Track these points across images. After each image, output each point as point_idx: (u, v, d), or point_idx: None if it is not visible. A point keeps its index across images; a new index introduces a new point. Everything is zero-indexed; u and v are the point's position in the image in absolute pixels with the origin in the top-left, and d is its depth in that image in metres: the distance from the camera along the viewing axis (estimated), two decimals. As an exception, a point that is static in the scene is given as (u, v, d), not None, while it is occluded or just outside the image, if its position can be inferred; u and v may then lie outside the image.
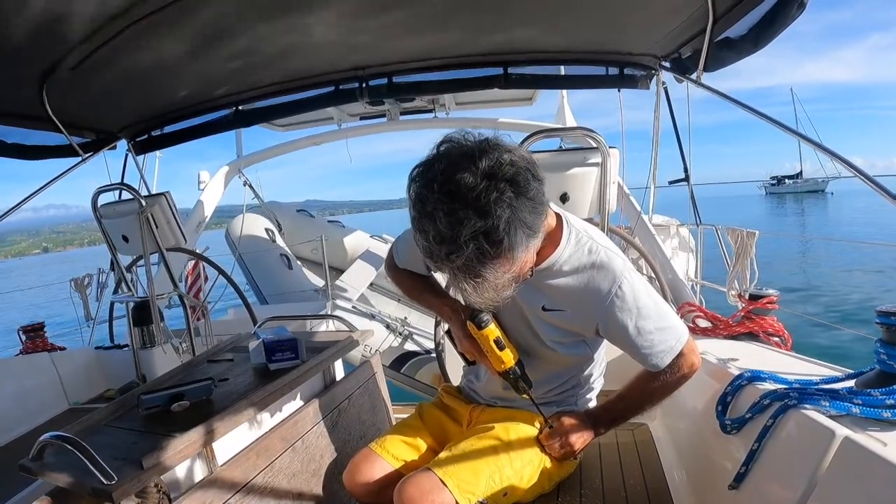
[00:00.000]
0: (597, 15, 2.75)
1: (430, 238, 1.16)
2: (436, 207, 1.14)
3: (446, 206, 1.13)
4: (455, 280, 1.23)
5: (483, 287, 1.20)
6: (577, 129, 3.40)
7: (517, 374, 1.60)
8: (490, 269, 1.17)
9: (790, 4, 2.11)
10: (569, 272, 1.50)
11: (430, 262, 1.24)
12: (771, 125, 2.15)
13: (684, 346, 1.55)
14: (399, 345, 6.47)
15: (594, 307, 1.50)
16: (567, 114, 6.59)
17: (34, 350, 3.46)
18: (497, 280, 1.20)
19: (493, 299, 1.26)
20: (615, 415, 1.70)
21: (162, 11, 2.08)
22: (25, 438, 2.58)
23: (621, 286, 1.46)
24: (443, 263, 1.20)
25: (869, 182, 1.67)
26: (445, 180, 1.15)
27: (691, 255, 5.28)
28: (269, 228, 8.26)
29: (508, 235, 1.15)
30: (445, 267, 1.21)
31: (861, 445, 1.08)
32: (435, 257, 1.19)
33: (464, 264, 1.15)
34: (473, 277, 1.18)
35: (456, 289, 1.43)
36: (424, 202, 1.17)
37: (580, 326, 1.58)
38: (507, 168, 1.16)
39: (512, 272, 1.23)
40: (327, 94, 3.45)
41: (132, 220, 2.95)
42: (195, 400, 1.64)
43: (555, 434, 1.66)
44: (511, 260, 1.19)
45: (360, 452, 1.74)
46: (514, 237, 1.16)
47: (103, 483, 1.20)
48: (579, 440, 1.66)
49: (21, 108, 2.81)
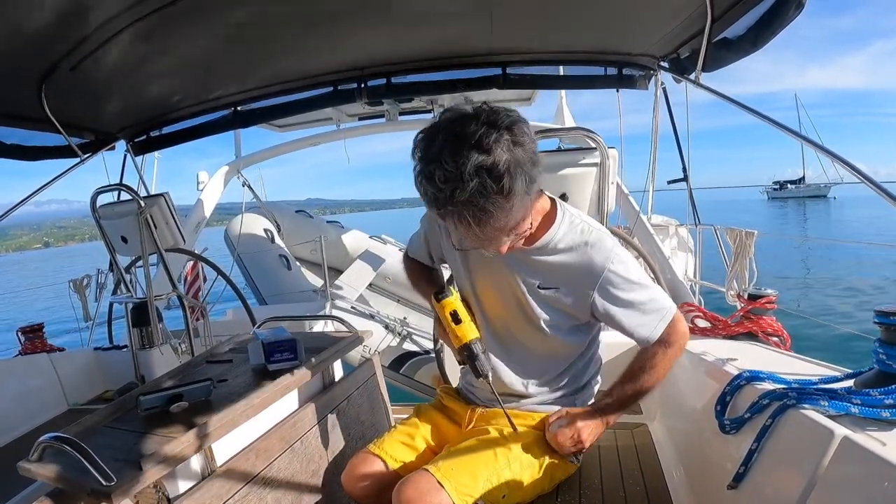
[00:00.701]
0: (595, 15, 2.75)
1: (435, 180, 1.23)
2: (441, 149, 1.23)
3: (450, 146, 1.22)
4: (459, 221, 1.29)
5: (486, 225, 1.27)
6: (576, 130, 3.40)
7: (471, 353, 1.57)
8: (492, 203, 1.23)
9: (788, 4, 2.11)
10: (563, 250, 1.56)
11: (436, 211, 1.31)
12: (770, 126, 2.16)
13: (674, 314, 1.61)
14: (398, 345, 6.46)
15: (589, 283, 1.55)
16: (566, 114, 6.59)
17: (33, 351, 3.46)
18: (498, 221, 1.28)
19: (494, 240, 1.36)
20: (622, 400, 1.65)
21: (160, 12, 2.08)
22: (24, 439, 2.58)
23: (614, 262, 1.53)
24: (448, 204, 1.25)
25: (870, 183, 1.67)
26: (449, 128, 1.26)
27: (690, 255, 5.29)
28: (268, 229, 8.25)
29: (509, 174, 1.22)
30: (451, 210, 1.26)
31: (860, 445, 1.08)
32: (440, 202, 1.26)
33: (468, 199, 1.22)
34: (478, 211, 1.24)
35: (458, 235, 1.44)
36: (430, 148, 1.26)
37: (575, 305, 1.60)
38: (503, 118, 1.27)
39: (510, 219, 1.31)
40: (326, 94, 3.44)
41: (131, 220, 2.95)
42: (194, 401, 1.64)
43: (562, 427, 1.63)
44: (510, 202, 1.25)
45: (358, 454, 1.74)
46: (515, 179, 1.23)
47: (102, 484, 1.20)
48: (588, 432, 1.63)
49: (20, 109, 2.81)
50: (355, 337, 2.29)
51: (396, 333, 6.52)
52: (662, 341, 1.60)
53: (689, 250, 5.38)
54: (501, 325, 1.72)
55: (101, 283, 5.03)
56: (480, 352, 1.59)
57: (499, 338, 1.74)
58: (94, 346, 3.79)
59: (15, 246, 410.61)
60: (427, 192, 1.28)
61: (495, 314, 1.72)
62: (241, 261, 7.22)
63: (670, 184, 5.06)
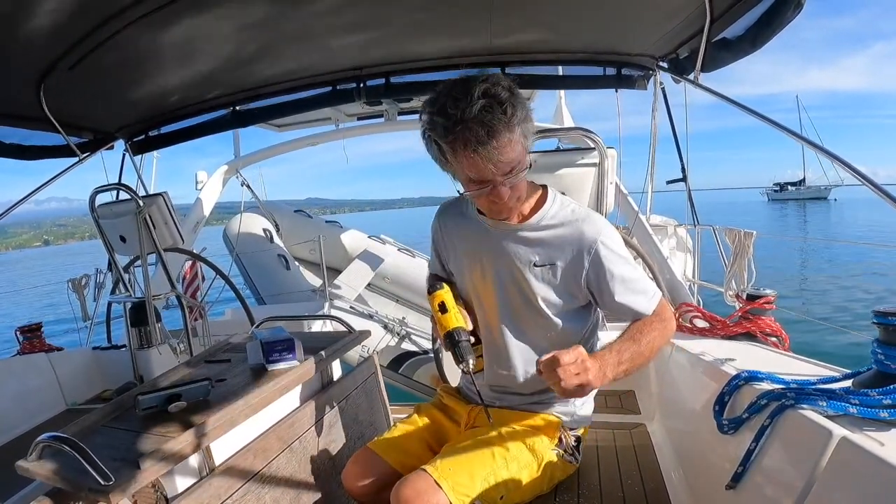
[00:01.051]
0: (594, 15, 2.75)
1: (447, 108, 1.37)
2: (451, 87, 1.40)
3: (460, 84, 1.39)
4: (466, 144, 1.38)
5: (491, 143, 1.37)
6: (575, 130, 3.40)
7: (453, 340, 1.58)
8: (497, 120, 1.36)
9: (787, 5, 2.11)
10: (555, 225, 1.63)
11: (446, 140, 1.42)
12: (770, 126, 2.16)
13: (661, 297, 1.65)
14: (397, 345, 6.46)
15: (581, 255, 1.59)
16: (565, 114, 6.59)
17: (31, 350, 3.46)
18: (501, 139, 1.38)
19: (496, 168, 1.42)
20: (619, 357, 1.45)
21: (159, 11, 2.08)
22: (23, 439, 2.58)
23: (606, 236, 1.59)
24: (459, 124, 1.36)
25: (870, 185, 1.67)
26: (456, 80, 1.42)
27: (689, 256, 5.29)
28: (267, 228, 8.24)
29: (511, 104, 1.38)
30: (460, 131, 1.37)
31: (858, 445, 1.08)
32: (452, 124, 1.37)
33: (475, 115, 1.34)
34: (485, 127, 1.35)
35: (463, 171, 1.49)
36: (439, 95, 1.42)
37: (569, 279, 1.62)
38: (503, 80, 1.42)
39: (511, 149, 1.41)
40: (325, 94, 3.45)
41: (129, 220, 2.94)
42: (192, 400, 1.64)
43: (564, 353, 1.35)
44: (512, 127, 1.39)
45: (358, 452, 1.75)
46: (516, 109, 1.39)
47: (101, 483, 1.20)
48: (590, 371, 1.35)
49: (19, 109, 2.81)
50: (354, 337, 2.29)
51: (395, 333, 6.52)
52: (657, 314, 1.60)
53: (688, 250, 5.38)
54: (503, 316, 1.73)
55: (99, 283, 5.02)
56: (463, 339, 1.60)
57: (500, 331, 1.74)
58: (93, 345, 3.79)
59: (15, 244, 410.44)
60: (437, 126, 1.41)
61: (496, 304, 1.73)
62: (239, 260, 7.21)
63: (669, 184, 5.07)
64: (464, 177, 1.50)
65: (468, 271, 1.77)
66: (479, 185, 1.49)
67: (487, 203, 1.56)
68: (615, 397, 2.79)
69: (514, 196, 1.54)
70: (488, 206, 1.58)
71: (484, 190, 1.49)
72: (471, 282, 1.77)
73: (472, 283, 1.77)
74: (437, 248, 1.92)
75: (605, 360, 1.42)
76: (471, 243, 1.75)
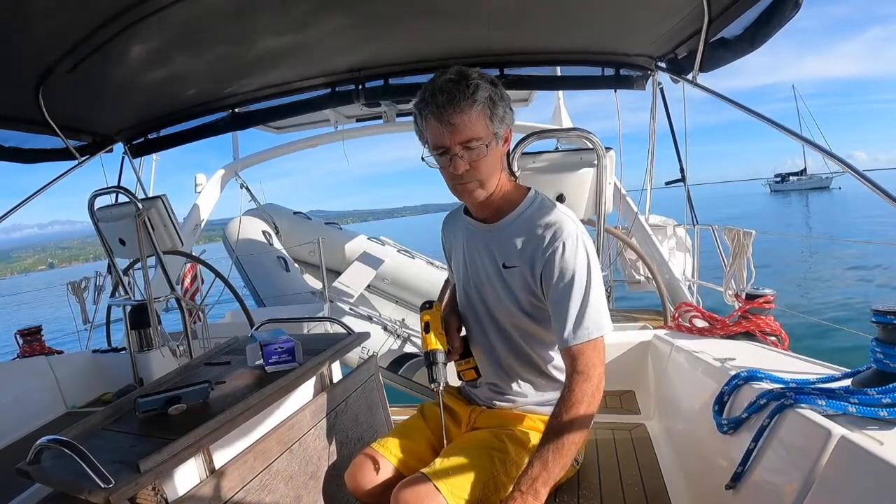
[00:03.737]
0: (592, 16, 2.76)
1: (427, 87, 1.52)
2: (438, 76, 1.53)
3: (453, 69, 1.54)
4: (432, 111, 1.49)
5: (450, 108, 1.46)
6: (573, 130, 3.40)
7: (430, 361, 1.69)
8: (460, 92, 1.46)
9: (785, 4, 2.11)
10: (525, 229, 1.62)
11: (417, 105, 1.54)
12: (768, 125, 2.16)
13: (600, 337, 1.52)
14: (397, 347, 6.46)
15: (538, 255, 1.57)
16: (563, 115, 6.59)
17: (31, 354, 3.45)
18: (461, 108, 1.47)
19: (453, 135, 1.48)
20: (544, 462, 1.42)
21: (157, 14, 2.08)
22: (23, 442, 2.57)
23: (566, 242, 1.53)
24: (427, 93, 1.50)
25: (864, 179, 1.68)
26: None
27: (688, 255, 5.30)
28: (267, 231, 8.25)
29: (476, 85, 1.48)
30: (428, 99, 1.49)
31: (858, 444, 1.08)
32: (425, 94, 1.51)
33: (441, 85, 1.48)
34: (447, 95, 1.46)
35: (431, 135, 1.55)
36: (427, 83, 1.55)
37: (531, 285, 1.61)
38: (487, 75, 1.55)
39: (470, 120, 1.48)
40: (324, 95, 3.45)
41: (129, 223, 2.94)
42: (192, 403, 1.64)
43: None
44: (474, 102, 1.47)
45: (362, 453, 1.75)
46: (479, 89, 1.48)
47: (100, 487, 1.20)
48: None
49: (18, 112, 2.81)
50: (354, 338, 2.29)
51: (395, 335, 6.53)
52: (578, 371, 1.49)
53: (687, 250, 5.38)
54: (489, 317, 1.76)
55: (99, 286, 5.02)
56: (440, 362, 1.69)
57: (490, 331, 1.77)
58: (93, 348, 3.78)
59: (20, 268, 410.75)
60: (419, 99, 1.54)
61: (483, 305, 1.76)
62: (239, 263, 7.22)
63: (668, 185, 5.07)
64: (429, 145, 1.56)
65: (458, 272, 1.85)
66: (438, 151, 1.53)
67: (449, 178, 1.59)
68: (615, 397, 2.78)
69: (475, 177, 1.55)
70: (451, 181, 1.60)
71: (443, 158, 1.53)
72: (461, 282, 1.83)
73: (462, 283, 1.83)
74: (447, 255, 1.99)
75: (536, 484, 1.40)
76: (461, 244, 1.82)
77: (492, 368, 1.80)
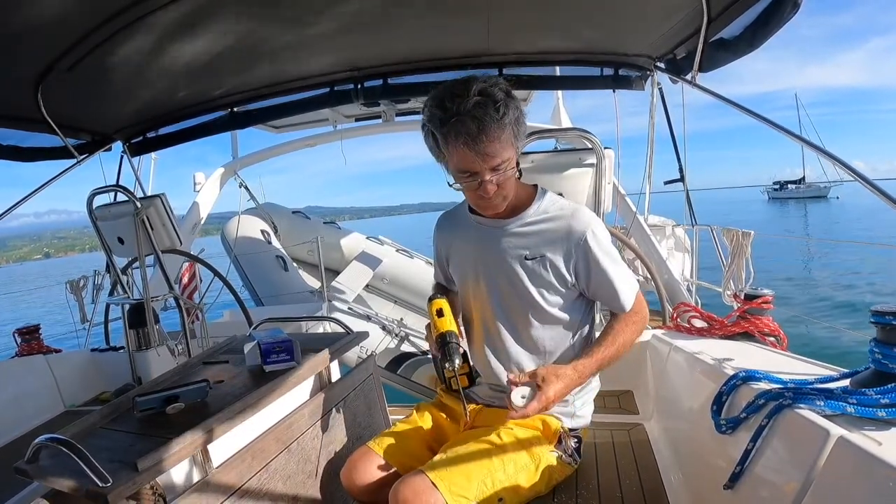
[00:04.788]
0: (591, 16, 2.76)
1: (444, 102, 1.47)
2: (452, 85, 1.49)
3: (461, 82, 1.48)
4: (458, 135, 1.46)
5: (481, 136, 1.45)
6: (572, 130, 3.40)
7: (444, 341, 1.68)
8: (489, 117, 1.44)
9: (785, 4, 2.11)
10: (545, 219, 1.69)
11: (441, 130, 1.50)
12: (767, 126, 2.16)
13: (638, 289, 1.75)
14: (395, 346, 6.47)
15: (570, 247, 1.65)
16: (563, 115, 6.59)
17: (30, 352, 3.45)
18: (491, 134, 1.46)
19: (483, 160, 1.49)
20: (601, 362, 1.63)
21: (157, 13, 2.08)
22: (21, 441, 2.57)
23: (594, 229, 1.65)
24: (453, 117, 1.45)
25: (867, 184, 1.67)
26: (457, 79, 1.51)
27: (687, 256, 5.30)
28: (265, 230, 8.24)
29: (504, 104, 1.46)
30: (454, 122, 1.45)
31: (856, 445, 1.08)
32: (447, 116, 1.46)
33: (469, 109, 1.43)
34: (476, 121, 1.43)
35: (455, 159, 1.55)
36: (438, 92, 1.51)
37: (559, 271, 1.68)
38: (502, 83, 1.51)
39: (499, 144, 1.48)
40: (322, 95, 3.45)
41: (128, 221, 2.94)
42: (190, 402, 1.64)
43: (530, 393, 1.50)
44: (503, 125, 1.47)
45: (358, 450, 1.76)
46: (508, 109, 1.47)
47: (99, 485, 1.20)
48: (560, 396, 1.54)
49: (16, 110, 2.81)
50: (352, 338, 2.29)
51: (393, 334, 6.53)
52: (635, 311, 1.71)
53: (686, 250, 5.38)
54: (498, 314, 1.77)
55: (97, 285, 5.02)
56: (453, 341, 1.68)
57: (497, 329, 1.78)
58: (91, 347, 3.78)
59: (15, 257, 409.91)
60: (434, 118, 1.50)
61: (492, 302, 1.77)
62: (237, 262, 7.21)
63: (667, 184, 5.08)
64: (454, 168, 1.56)
65: (464, 271, 1.84)
66: (467, 177, 1.55)
67: (475, 197, 1.62)
68: (613, 397, 2.79)
69: (501, 194, 1.59)
70: (476, 199, 1.64)
71: (472, 182, 1.55)
72: (468, 281, 1.83)
73: (468, 283, 1.83)
74: (439, 256, 2.00)
75: (585, 373, 1.60)
76: (465, 243, 1.83)
77: (494, 367, 1.80)
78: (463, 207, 1.87)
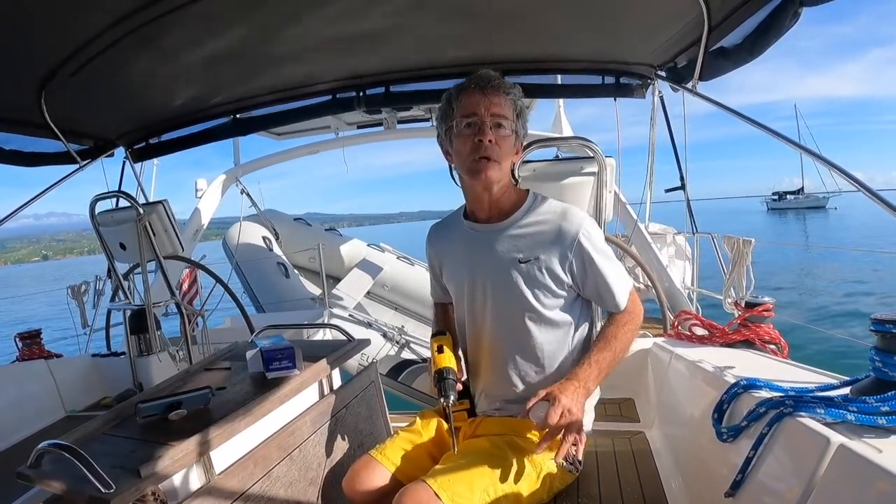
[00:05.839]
0: (593, 24, 2.77)
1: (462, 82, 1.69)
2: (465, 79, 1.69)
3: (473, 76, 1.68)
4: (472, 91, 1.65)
5: (491, 89, 1.64)
6: (573, 139, 3.41)
7: (443, 377, 1.71)
8: (499, 80, 1.65)
9: (785, 14, 2.12)
10: (537, 221, 1.73)
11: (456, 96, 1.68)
12: (767, 134, 2.17)
13: (632, 288, 1.79)
14: (396, 353, 6.45)
15: (565, 247, 1.68)
16: (564, 123, 6.61)
17: (31, 357, 3.45)
18: (498, 91, 1.65)
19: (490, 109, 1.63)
20: (600, 367, 1.64)
21: (160, 20, 2.09)
22: (22, 446, 2.57)
23: (587, 227, 1.69)
24: (470, 84, 1.66)
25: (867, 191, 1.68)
26: None
27: (687, 264, 5.30)
28: (267, 237, 8.26)
29: (513, 87, 1.68)
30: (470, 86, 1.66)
31: (856, 453, 1.09)
32: (464, 85, 1.67)
33: (482, 75, 1.65)
34: (488, 81, 1.64)
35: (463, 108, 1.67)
36: None
37: (554, 272, 1.69)
38: None
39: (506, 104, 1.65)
40: (325, 102, 3.46)
41: (129, 227, 2.95)
42: (193, 408, 1.64)
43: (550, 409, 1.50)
44: (511, 93, 1.67)
45: (360, 459, 1.75)
46: (514, 90, 1.68)
47: (101, 491, 1.20)
48: (576, 404, 1.53)
49: (19, 115, 2.82)
50: (353, 345, 2.29)
51: (394, 342, 6.52)
52: (628, 311, 1.74)
53: (687, 258, 5.39)
54: (496, 322, 1.78)
55: (99, 290, 5.03)
56: (450, 377, 1.71)
57: (495, 338, 1.79)
58: (92, 352, 3.78)
59: (13, 259, 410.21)
60: (451, 96, 1.69)
61: (489, 309, 1.78)
62: (239, 268, 7.22)
63: (668, 192, 5.09)
64: (461, 114, 1.66)
65: (459, 278, 1.85)
66: (467, 119, 1.65)
67: (470, 149, 1.66)
68: (614, 405, 2.78)
69: (495, 151, 1.65)
70: (470, 153, 1.67)
71: (470, 128, 1.65)
72: (462, 288, 1.83)
73: (463, 290, 1.83)
74: (433, 268, 2.03)
75: (588, 379, 1.61)
76: (458, 251, 1.85)
77: (494, 377, 1.81)
78: (456, 215, 1.90)
